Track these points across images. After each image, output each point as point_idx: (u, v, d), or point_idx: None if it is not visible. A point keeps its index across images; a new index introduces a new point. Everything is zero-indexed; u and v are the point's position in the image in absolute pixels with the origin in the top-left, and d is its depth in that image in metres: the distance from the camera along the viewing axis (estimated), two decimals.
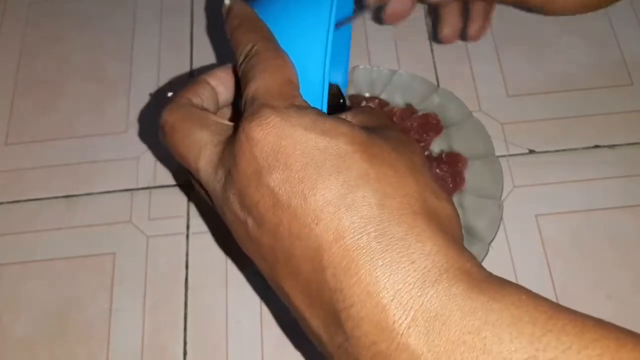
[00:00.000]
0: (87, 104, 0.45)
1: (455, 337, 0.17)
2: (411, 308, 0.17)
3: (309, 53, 0.25)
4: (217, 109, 0.28)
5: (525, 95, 0.43)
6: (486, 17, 0.38)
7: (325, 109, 0.26)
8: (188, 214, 0.40)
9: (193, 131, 0.24)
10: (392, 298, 0.18)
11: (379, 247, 0.19)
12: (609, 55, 0.44)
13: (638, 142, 0.41)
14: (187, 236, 0.39)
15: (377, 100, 0.41)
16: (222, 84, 0.28)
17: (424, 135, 0.40)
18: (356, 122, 0.26)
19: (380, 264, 0.18)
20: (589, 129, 0.41)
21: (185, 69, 0.46)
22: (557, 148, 0.41)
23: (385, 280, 0.18)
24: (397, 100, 0.42)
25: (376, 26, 0.47)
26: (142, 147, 0.43)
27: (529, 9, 0.39)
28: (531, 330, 0.17)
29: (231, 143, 0.22)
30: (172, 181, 0.41)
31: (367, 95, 0.42)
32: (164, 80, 0.45)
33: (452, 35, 0.39)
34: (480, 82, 0.44)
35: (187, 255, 0.39)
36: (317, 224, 0.19)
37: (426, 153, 0.40)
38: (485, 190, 0.38)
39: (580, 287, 0.36)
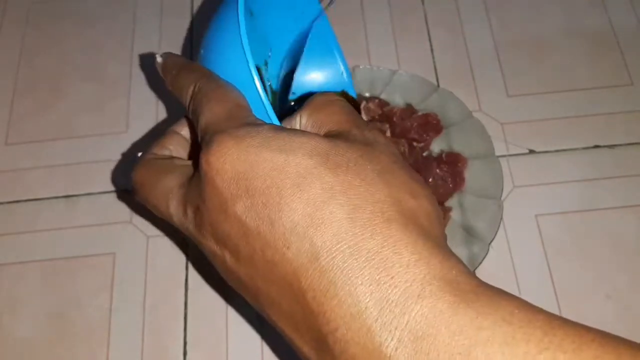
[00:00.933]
0: (87, 104, 0.45)
1: (444, 359, 0.16)
2: (396, 328, 0.16)
3: (242, 70, 0.25)
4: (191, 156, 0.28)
5: (525, 95, 0.43)
6: None
7: (276, 121, 0.25)
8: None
9: (159, 181, 0.24)
10: (376, 318, 0.17)
11: (355, 264, 0.17)
12: (609, 55, 0.44)
13: (638, 142, 0.41)
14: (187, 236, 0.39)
15: (377, 100, 0.41)
16: (191, 129, 0.28)
17: (424, 135, 0.40)
18: (313, 124, 0.24)
19: (360, 282, 0.17)
20: (589, 129, 0.41)
21: None
22: (557, 148, 0.41)
23: (367, 300, 0.17)
24: (397, 100, 0.42)
25: (376, 26, 0.47)
26: (142, 147, 0.43)
27: None
28: (525, 348, 0.15)
29: (194, 180, 0.22)
30: None
31: (367, 95, 0.42)
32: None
33: None
34: (480, 82, 0.44)
35: (187, 255, 0.39)
36: (288, 247, 0.19)
37: (426, 153, 0.40)
38: (485, 190, 0.38)
39: (580, 287, 0.36)
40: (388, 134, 0.41)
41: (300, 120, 0.24)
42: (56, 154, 0.43)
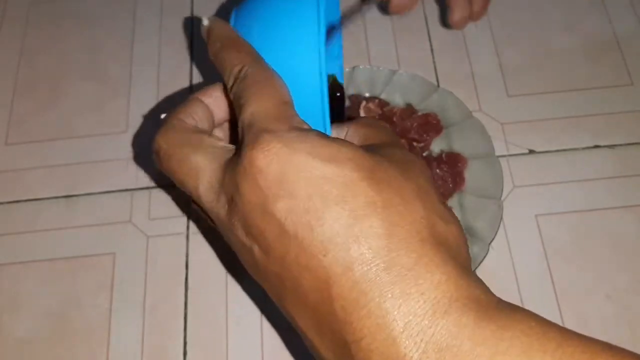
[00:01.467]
0: (87, 104, 0.45)
1: None
2: (422, 340, 0.17)
3: (302, 69, 0.24)
4: (212, 128, 0.27)
5: (525, 95, 0.43)
6: None
7: (328, 130, 0.25)
8: (188, 214, 0.40)
9: (189, 156, 0.24)
10: (402, 330, 0.18)
11: (388, 278, 0.18)
12: (609, 55, 0.44)
13: (638, 142, 0.41)
14: (187, 236, 0.39)
15: (377, 100, 0.41)
16: (215, 102, 0.27)
17: (424, 135, 0.40)
18: (359, 137, 0.25)
19: (390, 295, 0.18)
20: (589, 129, 0.41)
21: (185, 69, 0.46)
22: (557, 148, 0.41)
23: (395, 313, 0.18)
24: (397, 100, 0.42)
25: (376, 26, 0.47)
26: (142, 147, 0.43)
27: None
28: (541, 358, 0.17)
29: (232, 169, 0.22)
30: (171, 181, 0.41)
31: (367, 95, 0.42)
32: (163, 80, 0.45)
33: (463, 21, 0.39)
34: (480, 82, 0.44)
35: (187, 255, 0.39)
36: (324, 255, 0.19)
37: (426, 153, 0.40)
38: (485, 190, 0.38)
39: (580, 287, 0.36)
40: None
41: (347, 131, 0.25)
42: (56, 154, 0.43)
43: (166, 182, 0.41)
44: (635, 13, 0.46)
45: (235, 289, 0.37)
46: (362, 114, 0.41)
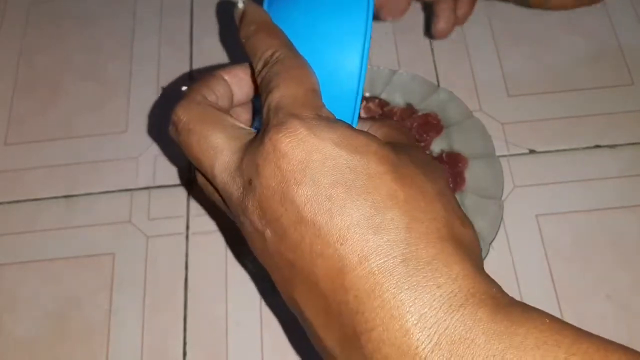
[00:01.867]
0: (86, 103, 0.45)
1: None
2: (435, 332, 0.17)
3: (338, 63, 0.24)
4: (231, 107, 0.27)
5: (525, 95, 0.43)
6: (472, 3, 0.38)
7: (355, 123, 0.25)
8: (188, 214, 0.40)
9: (209, 134, 0.23)
10: (416, 322, 0.18)
11: (404, 270, 0.18)
12: (609, 54, 0.44)
13: (638, 142, 0.41)
14: (187, 236, 0.39)
15: (377, 100, 0.41)
16: (237, 82, 0.27)
17: (424, 135, 0.40)
18: (380, 135, 0.25)
19: (406, 287, 0.18)
20: (589, 129, 0.41)
21: (185, 68, 0.46)
22: (557, 148, 0.41)
23: (410, 304, 0.18)
24: (397, 100, 0.42)
25: (376, 26, 0.47)
26: (142, 147, 0.43)
27: (528, 5, 0.39)
28: (555, 353, 0.16)
29: (252, 151, 0.22)
30: (171, 181, 0.41)
31: (367, 95, 0.42)
32: (163, 80, 0.45)
33: (447, 30, 0.39)
34: (480, 82, 0.44)
35: (186, 255, 0.39)
36: (342, 244, 0.19)
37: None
38: (485, 190, 0.38)
39: (580, 287, 0.36)
40: None
41: (369, 128, 0.26)
42: (56, 154, 0.43)
43: (166, 182, 0.41)
44: (636, 13, 0.46)
45: (235, 289, 0.37)
46: (362, 114, 0.41)
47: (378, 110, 0.41)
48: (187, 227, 0.40)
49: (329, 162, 0.20)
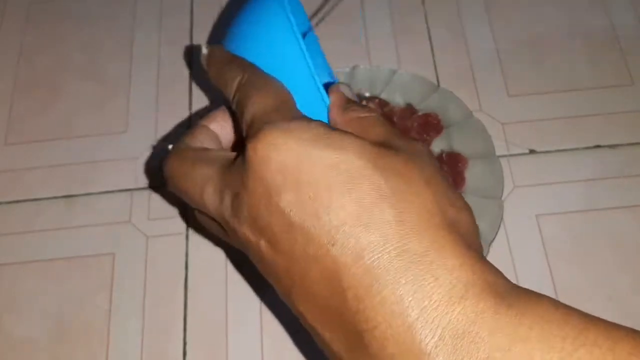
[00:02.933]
0: (86, 103, 0.45)
1: (484, 356, 0.16)
2: (437, 326, 0.17)
3: (293, 71, 0.25)
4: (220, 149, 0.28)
5: (526, 95, 0.43)
6: None
7: (327, 121, 0.25)
8: (187, 214, 0.40)
9: (192, 169, 0.24)
10: (417, 316, 0.17)
11: (400, 264, 0.18)
12: (609, 55, 0.44)
13: (638, 142, 0.41)
14: (187, 236, 0.39)
15: (377, 100, 0.41)
16: (219, 127, 0.27)
17: (424, 135, 0.40)
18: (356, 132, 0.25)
19: (404, 282, 0.18)
20: (589, 129, 0.41)
21: (185, 69, 0.46)
22: (557, 148, 0.41)
23: (410, 299, 0.17)
24: (398, 100, 0.42)
25: (376, 26, 0.47)
26: (142, 147, 0.43)
27: None
28: (562, 345, 0.16)
29: (236, 167, 0.22)
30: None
31: (367, 95, 0.42)
32: (163, 80, 0.45)
33: None
34: (480, 82, 0.44)
35: (186, 255, 0.39)
36: (333, 245, 0.19)
37: None
38: (485, 190, 0.38)
39: (581, 288, 0.36)
40: None
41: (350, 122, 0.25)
42: (56, 154, 0.43)
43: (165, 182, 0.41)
44: (636, 13, 0.46)
45: (235, 289, 0.37)
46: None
47: (378, 110, 0.41)
48: (187, 227, 0.39)
49: (307, 163, 0.20)
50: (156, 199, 0.41)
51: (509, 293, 0.18)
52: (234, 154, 0.24)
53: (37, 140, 0.43)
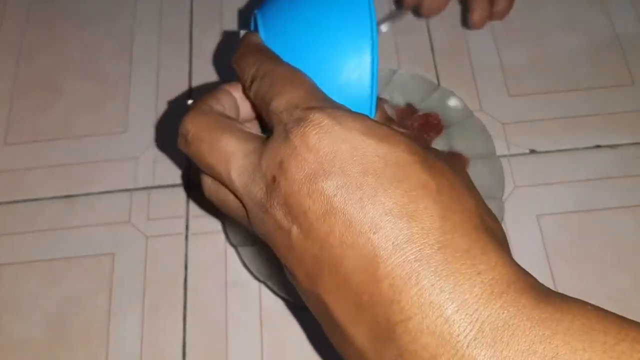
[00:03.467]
0: (86, 103, 0.45)
1: (525, 347, 0.16)
2: (477, 319, 0.17)
3: (348, 68, 0.24)
4: (238, 120, 0.27)
5: (526, 95, 0.43)
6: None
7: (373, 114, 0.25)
8: (187, 214, 0.40)
9: (220, 139, 0.23)
10: (457, 309, 0.17)
11: (442, 258, 0.18)
12: (609, 55, 0.44)
13: (638, 142, 0.41)
14: (187, 237, 0.39)
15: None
16: (242, 97, 0.27)
17: (425, 135, 0.40)
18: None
19: (445, 274, 0.18)
20: (590, 129, 0.41)
21: (185, 69, 0.46)
22: (558, 148, 0.41)
23: (450, 291, 0.17)
24: (398, 99, 0.42)
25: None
26: (142, 147, 0.43)
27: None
28: (604, 339, 0.16)
29: (272, 150, 0.21)
30: (171, 181, 0.41)
31: None
32: (163, 80, 0.45)
33: (482, 20, 0.40)
34: (481, 82, 0.44)
35: (186, 255, 0.39)
36: (374, 233, 0.19)
37: None
38: (486, 190, 0.37)
39: (581, 288, 0.36)
40: None
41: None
42: (56, 154, 0.43)
43: (165, 182, 0.41)
44: (636, 13, 0.46)
45: (234, 289, 0.37)
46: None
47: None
48: (187, 228, 0.39)
49: (357, 152, 0.20)
50: (155, 199, 0.41)
51: (547, 293, 0.18)
52: (262, 136, 0.23)
53: (37, 140, 0.43)
